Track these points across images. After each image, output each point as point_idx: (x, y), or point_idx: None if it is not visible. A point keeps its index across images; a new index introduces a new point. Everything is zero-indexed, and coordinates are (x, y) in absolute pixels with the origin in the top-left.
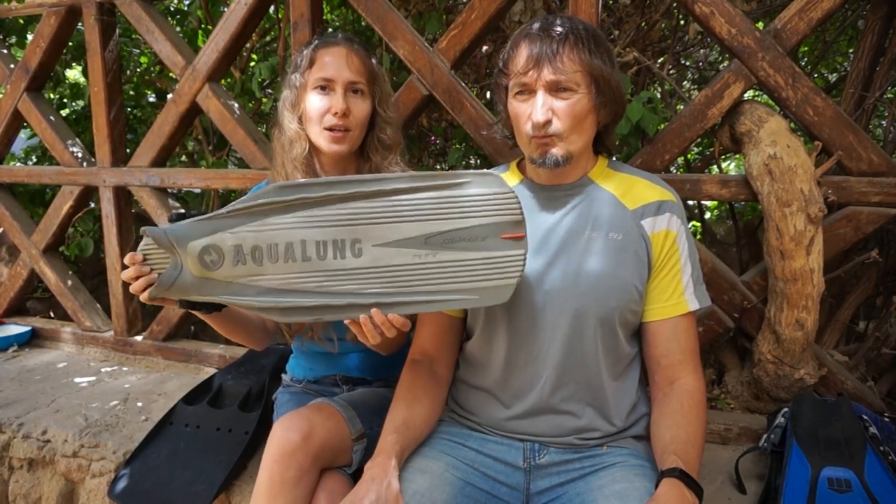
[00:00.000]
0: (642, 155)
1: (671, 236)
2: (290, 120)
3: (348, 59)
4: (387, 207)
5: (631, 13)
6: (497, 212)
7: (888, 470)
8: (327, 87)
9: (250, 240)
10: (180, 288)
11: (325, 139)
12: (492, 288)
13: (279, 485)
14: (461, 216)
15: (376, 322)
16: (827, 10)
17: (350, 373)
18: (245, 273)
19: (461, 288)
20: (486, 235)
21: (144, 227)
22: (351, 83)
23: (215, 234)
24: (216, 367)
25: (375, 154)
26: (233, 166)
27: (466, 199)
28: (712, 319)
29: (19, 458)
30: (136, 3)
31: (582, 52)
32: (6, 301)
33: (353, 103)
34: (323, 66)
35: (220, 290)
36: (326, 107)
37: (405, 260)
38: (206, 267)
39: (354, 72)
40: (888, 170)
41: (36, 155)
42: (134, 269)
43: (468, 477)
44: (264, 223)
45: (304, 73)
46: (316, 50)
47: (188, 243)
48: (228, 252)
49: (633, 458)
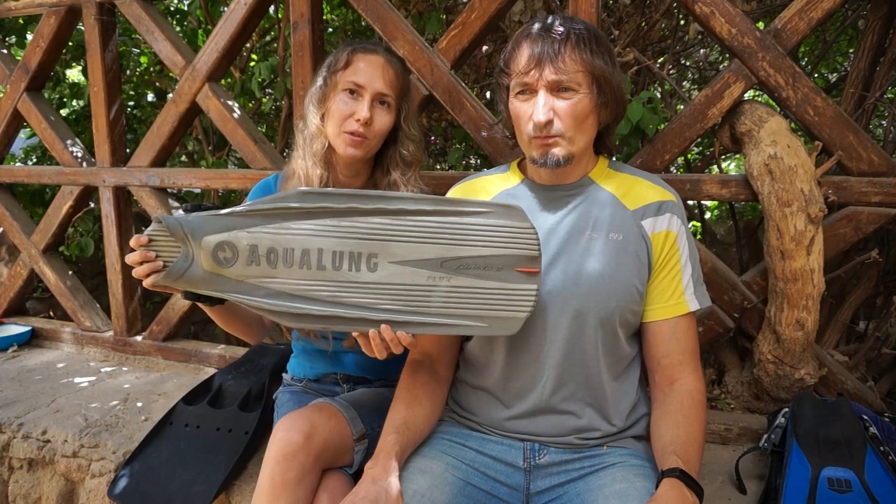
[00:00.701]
0: (642, 155)
1: (671, 237)
2: (314, 115)
3: (384, 69)
4: (407, 227)
5: (631, 13)
6: (516, 245)
7: (888, 470)
8: (356, 93)
9: (267, 241)
10: (189, 280)
11: (343, 141)
12: (501, 318)
13: (281, 485)
14: (480, 244)
15: (385, 338)
16: (827, 10)
17: (350, 371)
18: (257, 274)
19: (471, 314)
20: (501, 266)
21: (158, 214)
22: (380, 94)
23: (231, 232)
24: (216, 367)
25: (396, 169)
26: (233, 166)
27: (487, 228)
28: (712, 319)
29: (19, 458)
30: (136, 3)
31: (584, 52)
32: (6, 301)
33: (378, 114)
34: (357, 71)
35: (230, 288)
36: (351, 111)
37: (419, 280)
38: (218, 263)
39: (386, 84)
40: (888, 170)
41: (36, 155)
42: (139, 253)
43: (468, 477)
44: (283, 227)
45: (337, 72)
46: (354, 53)
47: (203, 237)
48: (243, 251)
49: (633, 458)
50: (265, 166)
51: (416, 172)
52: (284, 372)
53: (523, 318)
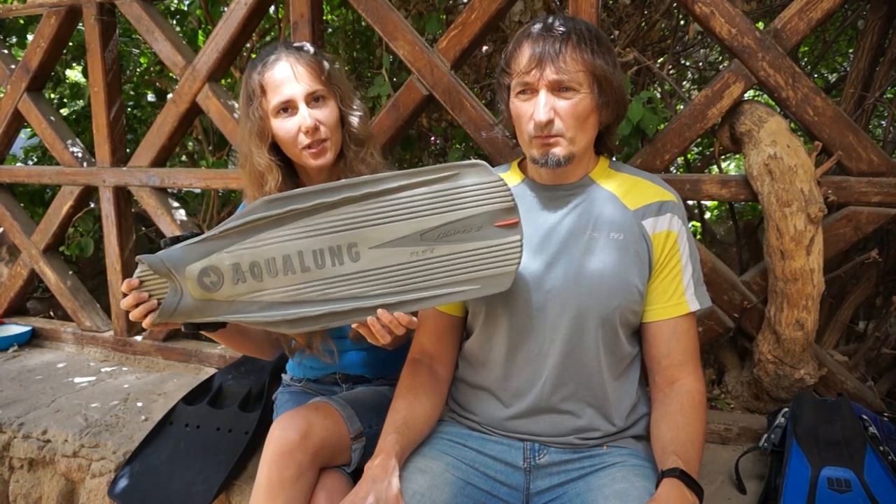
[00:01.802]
0: (642, 155)
1: (672, 237)
2: (259, 154)
3: (294, 70)
4: (378, 209)
5: (631, 13)
6: (488, 201)
7: (888, 470)
8: (289, 108)
9: (247, 257)
10: (183, 312)
11: (308, 157)
12: (492, 276)
13: (278, 484)
14: (453, 209)
15: (384, 322)
16: (827, 10)
17: (350, 371)
18: (246, 290)
19: (461, 279)
20: (480, 225)
21: (139, 256)
22: (309, 94)
23: (212, 256)
24: (216, 367)
25: (348, 150)
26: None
27: (456, 191)
28: (712, 319)
29: (19, 458)
30: (136, 3)
31: (584, 52)
32: (6, 301)
33: (319, 112)
34: (275, 89)
35: (224, 310)
36: (296, 128)
37: (403, 259)
38: (206, 289)
39: (307, 81)
40: (888, 170)
41: (36, 155)
42: (132, 296)
43: (468, 477)
44: (258, 239)
45: (260, 103)
46: (261, 74)
47: (185, 267)
48: (227, 272)
49: (633, 458)
50: None
51: (370, 147)
52: (284, 372)
53: (514, 270)
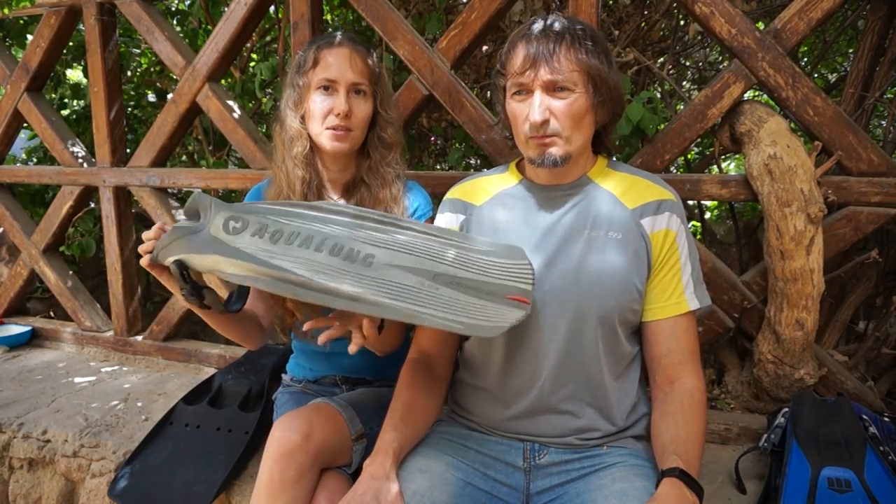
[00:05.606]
0: (642, 155)
1: (671, 235)
2: (292, 119)
3: (351, 60)
4: (410, 242)
5: (631, 13)
6: (511, 278)
7: (888, 470)
8: (330, 88)
9: (277, 225)
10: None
11: (327, 137)
12: (480, 326)
13: (279, 484)
14: (476, 271)
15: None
16: (827, 10)
17: (350, 372)
18: (258, 246)
19: (451, 318)
20: (491, 291)
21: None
22: (353, 84)
23: (250, 214)
24: (216, 367)
25: (375, 152)
26: (233, 166)
27: (486, 259)
28: (712, 319)
29: (19, 458)
30: (136, 3)
31: (579, 52)
32: (6, 301)
33: (356, 104)
34: (326, 67)
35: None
36: (329, 107)
37: (408, 282)
38: (227, 231)
39: (357, 73)
40: (888, 170)
41: (37, 156)
42: (156, 229)
43: (468, 477)
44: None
45: (307, 73)
46: (319, 50)
47: (223, 210)
48: (253, 225)
49: (633, 457)
50: (265, 166)
51: (396, 155)
52: (284, 373)
53: (503, 329)
